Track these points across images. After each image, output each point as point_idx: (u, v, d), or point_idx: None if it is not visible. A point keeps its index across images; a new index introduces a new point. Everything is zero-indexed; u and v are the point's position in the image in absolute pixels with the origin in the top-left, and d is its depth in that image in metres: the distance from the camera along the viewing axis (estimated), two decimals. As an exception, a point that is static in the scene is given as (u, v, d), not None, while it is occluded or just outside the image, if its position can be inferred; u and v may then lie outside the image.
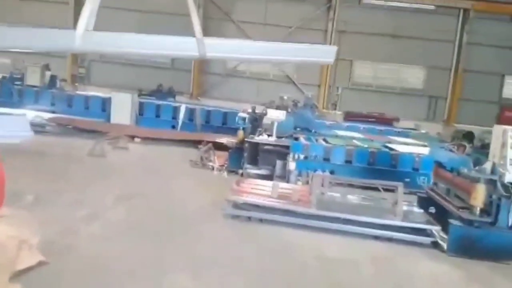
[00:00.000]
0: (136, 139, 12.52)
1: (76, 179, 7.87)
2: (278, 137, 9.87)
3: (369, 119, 17.92)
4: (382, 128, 15.66)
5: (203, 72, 20.55)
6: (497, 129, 6.21)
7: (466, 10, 19.25)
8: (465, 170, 6.17)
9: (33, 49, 6.24)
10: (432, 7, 19.44)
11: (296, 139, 10.28)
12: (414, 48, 19.46)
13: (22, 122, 3.65)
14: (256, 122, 10.62)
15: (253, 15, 19.55)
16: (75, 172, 8.37)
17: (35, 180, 7.18)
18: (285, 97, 12.01)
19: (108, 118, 13.67)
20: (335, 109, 20.07)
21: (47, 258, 4.36)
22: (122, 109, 13.49)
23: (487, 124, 13.96)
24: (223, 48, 5.34)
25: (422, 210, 7.02)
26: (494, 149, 6.15)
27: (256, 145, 9.46)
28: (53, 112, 13.54)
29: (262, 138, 9.54)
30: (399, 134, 14.51)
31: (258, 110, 11.02)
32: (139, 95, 14.81)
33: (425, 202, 7.46)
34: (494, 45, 19.14)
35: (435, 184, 7.79)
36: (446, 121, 19.97)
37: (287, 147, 9.21)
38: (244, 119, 10.58)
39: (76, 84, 19.10)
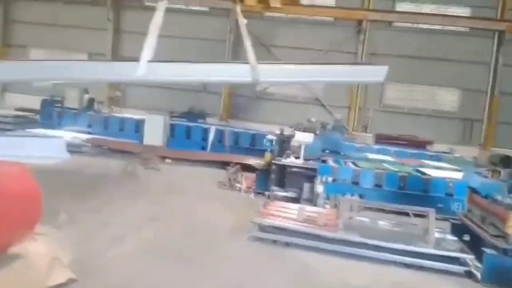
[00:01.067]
0: (167, 160, 12.81)
1: (108, 199, 8.11)
2: (306, 159, 9.84)
3: (401, 142, 17.52)
4: (414, 151, 15.28)
5: (233, 95, 20.93)
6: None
7: (501, 32, 18.78)
8: (499, 197, 5.91)
9: (98, 82, 6.72)
10: (466, 29, 19.12)
11: (324, 161, 10.21)
12: (448, 70, 19.09)
13: (59, 144, 3.85)
14: (284, 144, 10.67)
15: (284, 40, 19.87)
16: (107, 192, 8.63)
17: (69, 199, 7.46)
18: (313, 120, 12.03)
19: (141, 139, 14.09)
20: (365, 131, 19.80)
21: (77, 276, 4.51)
22: (155, 131, 13.90)
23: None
24: (275, 73, 5.50)
25: (455, 238, 6.75)
26: (531, 175, 5.89)
27: (283, 167, 9.47)
28: (90, 133, 14.14)
29: (289, 160, 9.54)
30: (432, 157, 14.13)
31: (286, 132, 11.09)
32: (170, 117, 15.22)
33: (459, 230, 7.19)
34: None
35: (469, 210, 7.50)
36: (482, 144, 19.26)
37: (315, 169, 9.15)
38: (271, 141, 10.64)
39: (112, 106, 19.86)
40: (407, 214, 7.07)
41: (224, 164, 12.23)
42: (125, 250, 5.66)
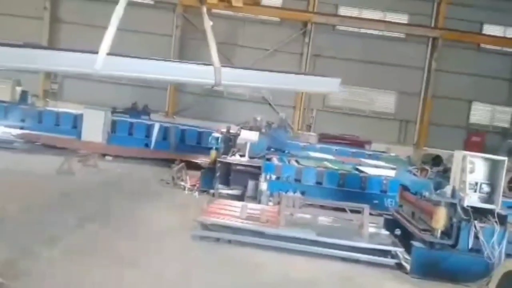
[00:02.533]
0: (108, 157, 12.34)
1: (40, 199, 7.66)
2: (251, 157, 9.94)
3: (342, 141, 18.23)
4: (355, 150, 15.96)
5: (179, 91, 20.60)
6: (458, 154, 6.47)
7: (435, 39, 20.15)
8: (426, 193, 6.36)
9: (51, 71, 6.04)
10: (403, 35, 20.30)
11: (269, 160, 10.37)
12: (386, 73, 20.16)
13: None
14: (230, 142, 10.70)
15: (231, 38, 19.87)
16: (39, 191, 8.14)
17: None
18: (259, 118, 12.16)
19: (79, 135, 13.43)
20: (309, 130, 20.36)
21: (5, 280, 4.23)
22: (94, 126, 13.29)
23: (456, 149, 14.43)
24: (238, 77, 5.49)
25: (388, 232, 7.17)
26: (454, 173, 6.38)
27: (228, 165, 9.50)
28: (23, 128, 13.25)
29: (235, 158, 9.58)
30: (370, 156, 14.82)
31: (233, 130, 11.12)
32: (112, 113, 14.64)
33: (391, 224, 7.64)
34: (462, 72, 20.05)
35: (401, 206, 8.00)
36: (416, 144, 20.57)
37: (259, 167, 9.27)
38: (217, 139, 10.62)
39: (48, 100, 18.74)
40: (345, 210, 7.40)
41: (168, 162, 12.01)
42: (58, 252, 5.38)
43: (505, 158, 6.35)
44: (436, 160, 16.23)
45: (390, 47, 20.24)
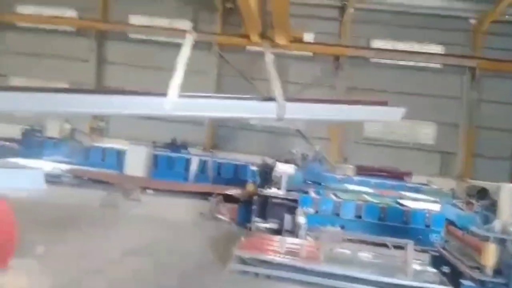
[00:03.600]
0: (149, 191, 12.70)
1: (86, 231, 7.96)
2: (288, 190, 9.92)
3: (381, 174, 17.82)
4: (394, 183, 15.56)
5: (216, 125, 21.04)
6: (505, 187, 6.20)
7: (472, 68, 19.71)
8: (474, 228, 6.08)
9: (123, 114, 6.26)
10: (439, 65, 20.01)
11: (306, 193, 10.30)
12: (423, 104, 19.74)
13: (37, 176, 3.69)
14: (266, 175, 10.75)
15: (264, 73, 20.29)
16: (86, 223, 8.47)
17: (47, 231, 7.30)
18: (294, 151, 12.22)
19: (123, 170, 13.96)
20: (346, 163, 20.08)
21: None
22: (137, 161, 13.82)
23: (502, 181, 13.76)
24: (301, 110, 5.53)
25: (434, 270, 6.84)
26: (502, 206, 6.10)
27: (264, 198, 9.51)
28: (71, 163, 13.94)
29: (271, 191, 9.60)
30: (411, 189, 14.39)
31: (269, 163, 11.19)
32: (153, 148, 15.18)
33: (438, 261, 7.29)
34: (504, 102, 19.35)
35: (447, 242, 7.65)
36: (460, 176, 19.73)
37: (296, 200, 9.22)
38: (254, 172, 10.72)
39: (95, 136, 19.68)
40: (386, 246, 7.17)
41: (206, 195, 12.18)
42: (101, 284, 5.53)
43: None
44: (482, 193, 15.45)
45: (427, 78, 19.93)
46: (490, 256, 5.71)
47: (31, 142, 14.71)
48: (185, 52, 5.18)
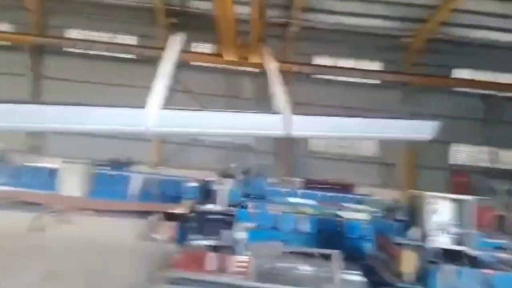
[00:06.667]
0: (86, 211, 12.11)
1: (9, 256, 7.39)
2: (229, 205, 9.82)
3: (327, 187, 18.15)
4: (338, 195, 15.88)
5: (163, 141, 20.63)
6: (419, 195, 6.47)
7: (405, 84, 20.84)
8: (394, 237, 6.27)
9: (101, 130, 5.04)
10: (378, 81, 21.06)
11: (244, 207, 10.23)
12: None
13: None
14: (206, 191, 10.62)
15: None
16: (8, 250, 7.87)
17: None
18: (232, 166, 12.20)
19: (56, 190, 13.23)
20: (293, 176, 20.32)
21: None
22: (72, 180, 13.16)
23: (443, 190, 14.49)
24: (311, 125, 4.86)
25: (361, 279, 6.96)
26: (418, 215, 6.35)
27: (202, 214, 9.35)
28: (1, 184, 13.05)
29: (208, 207, 9.46)
30: (353, 200, 14.74)
31: (209, 179, 11.09)
32: (93, 165, 14.55)
33: (368, 270, 7.44)
34: (437, 114, 20.49)
35: (378, 251, 7.86)
36: (402, 187, 20.52)
37: (232, 215, 9.13)
38: (191, 188, 10.55)
39: (30, 155, 18.63)
40: (327, 257, 7.16)
41: (148, 214, 11.78)
42: None
43: (471, 197, 6.36)
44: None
45: (367, 93, 20.80)
46: (409, 263, 5.89)
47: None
48: (167, 64, 4.61)
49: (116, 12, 20.60)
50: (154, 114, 4.27)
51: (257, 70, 19.90)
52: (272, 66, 4.98)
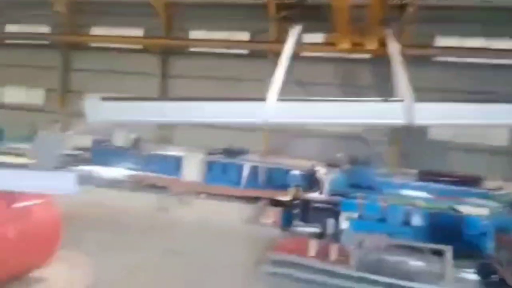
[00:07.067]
0: (201, 195, 13.28)
1: (135, 231, 8.58)
2: (334, 194, 9.78)
3: (447, 179, 16.64)
4: (458, 188, 14.45)
5: (275, 131, 21.20)
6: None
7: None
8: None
9: (219, 123, 5.72)
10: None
11: (351, 197, 10.05)
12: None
13: (68, 179, 3.95)
14: (311, 179, 10.73)
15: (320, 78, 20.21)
16: (136, 224, 9.13)
17: (98, 230, 8.03)
18: (339, 155, 12.01)
19: (179, 176, 14.72)
20: (411, 168, 19.07)
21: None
22: (192, 167, 14.51)
23: None
24: (436, 113, 4.48)
25: (477, 278, 6.35)
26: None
27: (306, 202, 9.48)
28: (134, 170, 15.01)
29: (312, 195, 9.55)
30: (476, 195, 13.27)
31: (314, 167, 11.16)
32: (208, 154, 15.79)
33: (487, 270, 6.76)
34: None
35: (499, 249, 7.05)
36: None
37: (337, 204, 9.07)
38: (297, 176, 10.74)
39: (160, 144, 20.95)
40: (437, 253, 6.75)
41: (256, 200, 12.43)
42: (142, 279, 6.02)
43: None
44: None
45: (499, 76, 18.33)
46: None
47: (100, 151, 16.12)
48: (285, 58, 4.75)
49: (231, 11, 21.81)
50: (273, 106, 4.32)
51: (373, 56, 19.12)
52: (394, 49, 4.54)
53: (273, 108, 4.34)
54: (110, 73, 22.86)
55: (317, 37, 20.67)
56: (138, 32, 23.15)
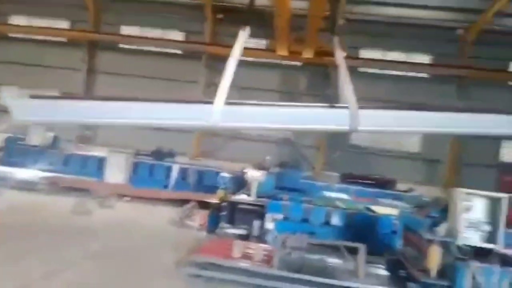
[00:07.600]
0: (126, 198, 12.78)
1: (52, 237, 8.02)
2: (260, 197, 9.97)
3: (364, 182, 17.79)
4: (374, 190, 15.55)
5: (206, 134, 21.13)
6: (453, 192, 6.27)
7: (459, 78, 19.87)
8: (421, 232, 6.14)
9: (162, 125, 5.46)
10: (426, 75, 20.23)
11: (276, 199, 10.34)
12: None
13: None
14: (240, 182, 10.85)
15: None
16: (50, 230, 8.53)
17: (9, 238, 7.40)
18: (267, 158, 12.34)
19: (102, 177, 14.02)
20: (333, 171, 20.10)
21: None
22: (116, 168, 13.88)
23: (489, 188, 13.79)
24: (381, 120, 4.55)
25: (388, 273, 6.89)
26: (451, 211, 6.17)
27: (233, 204, 9.58)
28: (52, 171, 14.00)
29: (240, 197, 9.67)
30: (390, 196, 14.40)
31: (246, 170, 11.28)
32: (135, 155, 15.22)
33: (396, 265, 7.34)
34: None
35: (407, 247, 7.70)
36: (446, 184, 19.70)
37: (263, 206, 9.28)
38: (225, 178, 10.82)
39: (80, 144, 19.82)
40: (352, 250, 7.15)
41: (183, 202, 12.23)
42: (58, 284, 5.65)
43: (505, 195, 6.08)
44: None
45: (419, 87, 20.04)
46: (434, 259, 5.75)
47: (14, 150, 14.83)
48: (233, 60, 4.63)
49: (166, 8, 21.33)
50: (220, 110, 4.29)
51: (309, 64, 19.89)
52: (340, 57, 4.69)
53: (220, 112, 4.33)
54: (31, 66, 21.20)
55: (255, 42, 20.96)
56: (63, 24, 21.74)
